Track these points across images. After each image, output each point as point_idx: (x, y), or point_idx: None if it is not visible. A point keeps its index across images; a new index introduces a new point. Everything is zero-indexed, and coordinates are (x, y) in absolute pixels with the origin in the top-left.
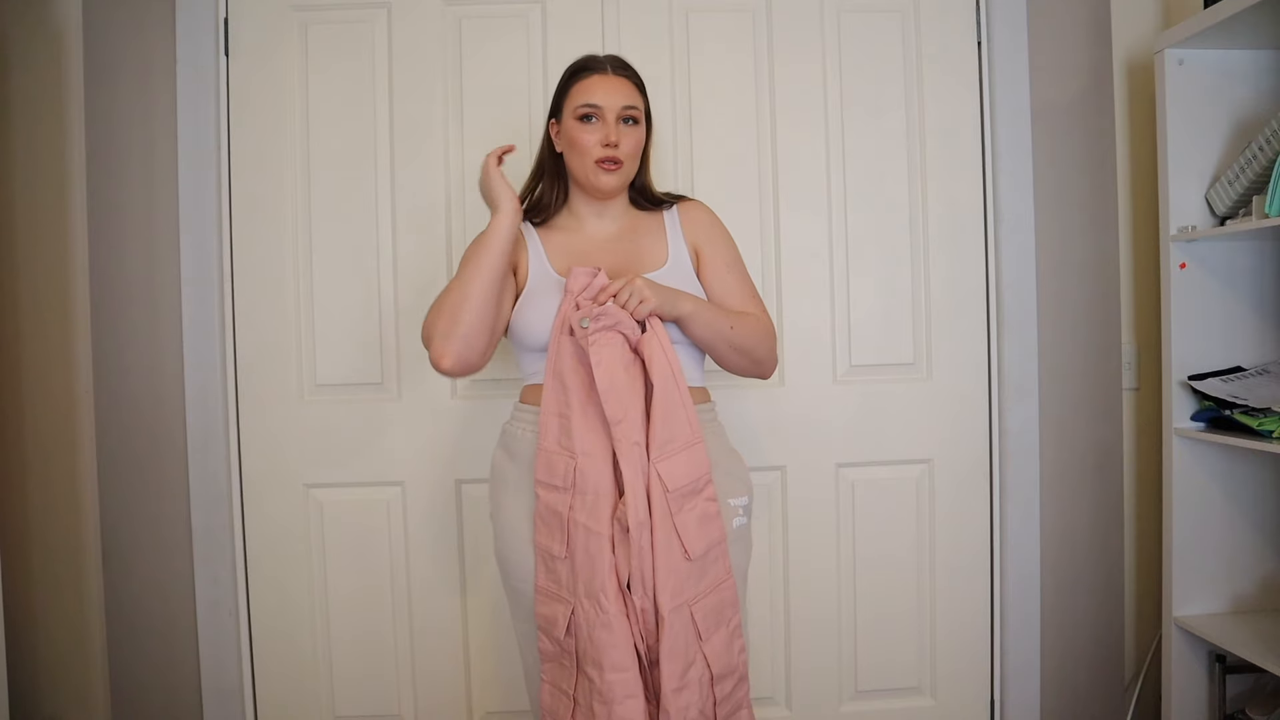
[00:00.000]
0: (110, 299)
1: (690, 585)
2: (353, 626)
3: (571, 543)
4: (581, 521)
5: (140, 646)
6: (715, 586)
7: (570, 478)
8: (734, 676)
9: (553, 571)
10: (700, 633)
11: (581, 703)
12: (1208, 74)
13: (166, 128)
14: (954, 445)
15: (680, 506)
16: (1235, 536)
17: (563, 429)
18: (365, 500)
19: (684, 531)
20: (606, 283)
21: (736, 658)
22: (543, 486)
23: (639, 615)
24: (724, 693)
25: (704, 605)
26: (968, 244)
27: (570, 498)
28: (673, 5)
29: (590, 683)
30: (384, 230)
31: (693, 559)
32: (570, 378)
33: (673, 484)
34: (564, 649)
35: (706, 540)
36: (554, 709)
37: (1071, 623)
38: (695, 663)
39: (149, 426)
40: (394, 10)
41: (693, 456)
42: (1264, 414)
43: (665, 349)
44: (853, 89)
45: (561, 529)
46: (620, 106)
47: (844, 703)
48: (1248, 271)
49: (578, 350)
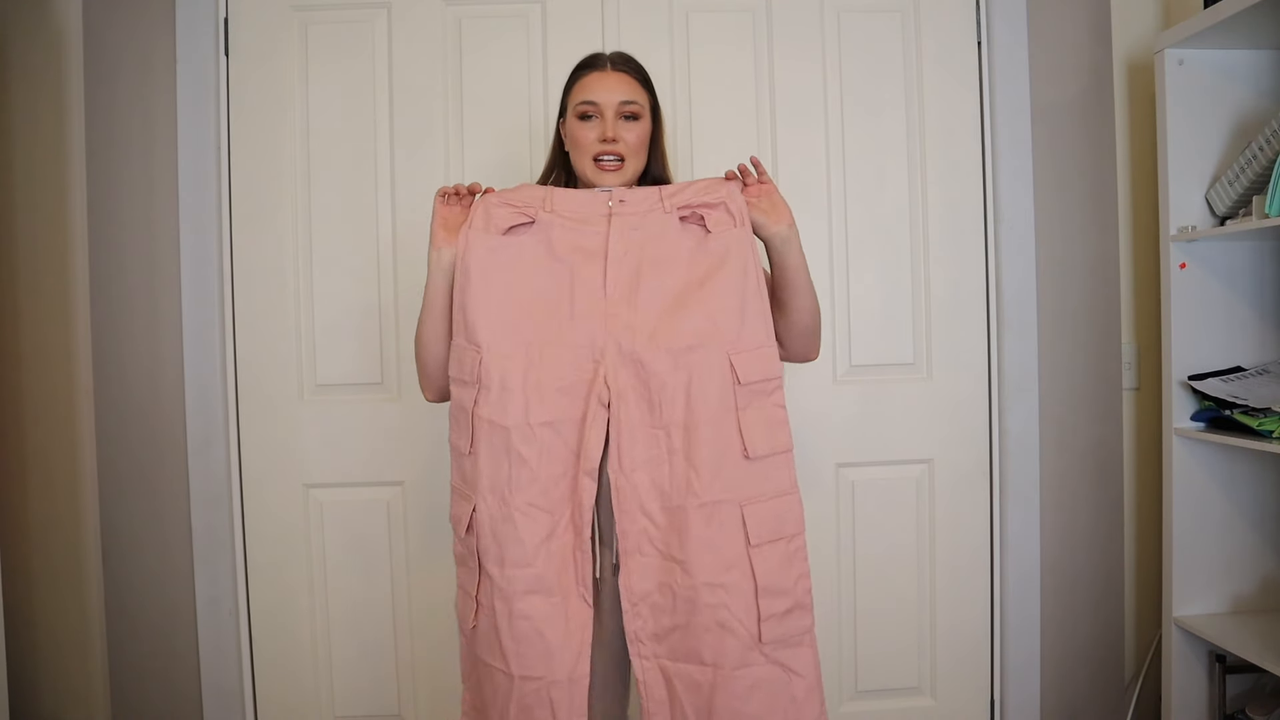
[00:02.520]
0: (110, 299)
1: (745, 484)
2: (353, 626)
3: (475, 438)
4: (485, 416)
5: (140, 646)
6: (775, 495)
7: (475, 371)
8: (785, 598)
9: (460, 469)
10: (749, 536)
11: (484, 603)
12: (1208, 74)
13: (166, 128)
14: (954, 445)
15: (748, 403)
16: (1235, 536)
17: (467, 323)
18: (365, 500)
19: (746, 428)
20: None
21: (795, 583)
22: (453, 383)
23: (613, 490)
24: (773, 610)
25: (758, 510)
26: (968, 244)
27: (475, 392)
28: (673, 5)
29: (490, 581)
30: (384, 230)
31: (752, 459)
32: (474, 272)
33: (745, 377)
34: (468, 548)
35: (769, 444)
36: (463, 615)
37: (1071, 623)
38: (737, 565)
39: (149, 426)
40: (394, 10)
41: (765, 357)
42: (1264, 414)
43: (753, 248)
44: (853, 88)
45: (467, 424)
46: (618, 102)
47: (844, 703)
48: (1248, 271)
49: (491, 242)
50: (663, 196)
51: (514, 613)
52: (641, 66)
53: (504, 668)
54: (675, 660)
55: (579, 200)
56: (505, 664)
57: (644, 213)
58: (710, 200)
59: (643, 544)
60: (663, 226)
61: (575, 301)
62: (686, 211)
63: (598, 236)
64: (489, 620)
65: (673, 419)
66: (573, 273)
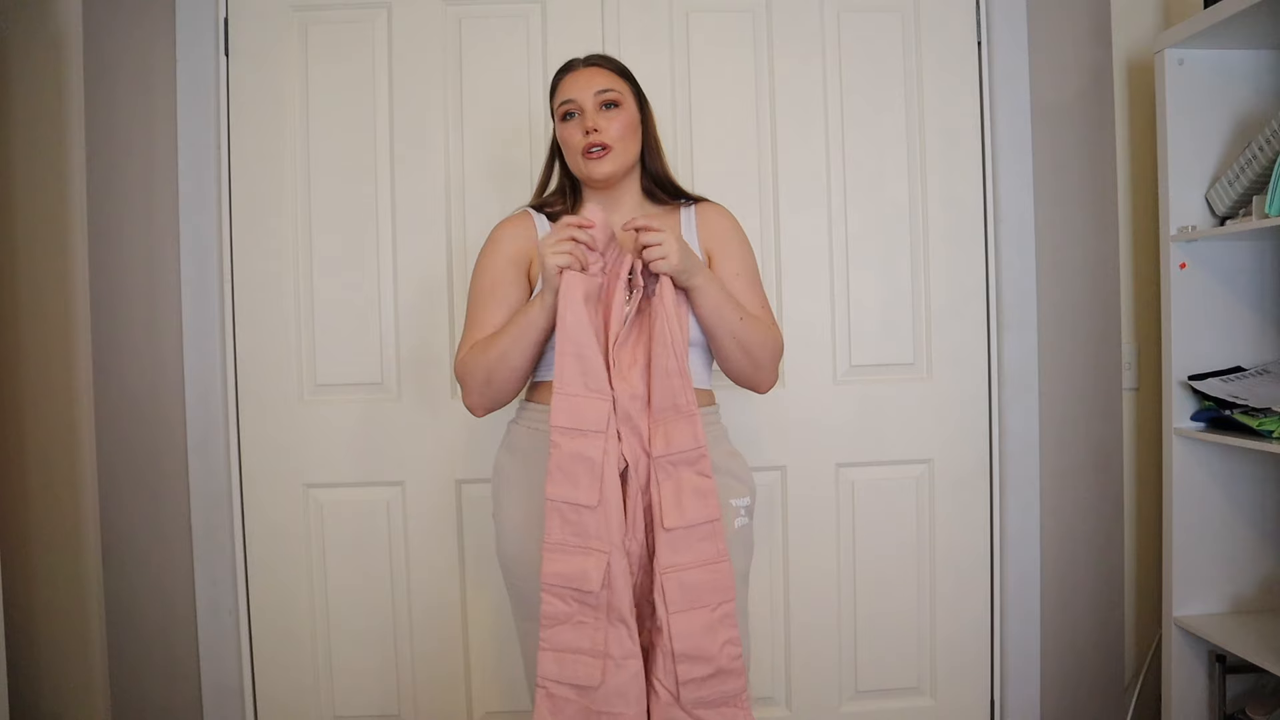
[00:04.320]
0: (110, 299)
1: (665, 554)
2: (353, 626)
3: (605, 489)
4: (614, 467)
5: (140, 646)
6: (698, 564)
7: (604, 421)
8: (709, 665)
9: (574, 524)
10: (667, 602)
11: (616, 655)
12: (1208, 74)
13: (166, 128)
14: (954, 445)
15: (667, 475)
16: (1235, 536)
17: (586, 370)
18: (365, 500)
19: (663, 500)
20: (643, 223)
21: (718, 649)
22: (565, 434)
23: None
24: (691, 675)
25: (678, 578)
26: (968, 243)
27: (604, 441)
28: (673, 5)
29: (629, 630)
30: (384, 230)
31: (668, 529)
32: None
33: (655, 450)
34: (590, 605)
35: (687, 517)
36: (568, 673)
37: (1071, 622)
38: (660, 631)
39: (149, 427)
40: (394, 10)
41: (683, 428)
42: (1264, 414)
43: (669, 314)
44: (853, 88)
45: (595, 476)
46: (594, 93)
47: (844, 703)
48: (1248, 271)
49: (593, 288)
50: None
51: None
52: (617, 60)
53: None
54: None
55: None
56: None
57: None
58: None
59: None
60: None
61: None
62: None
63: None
64: (626, 671)
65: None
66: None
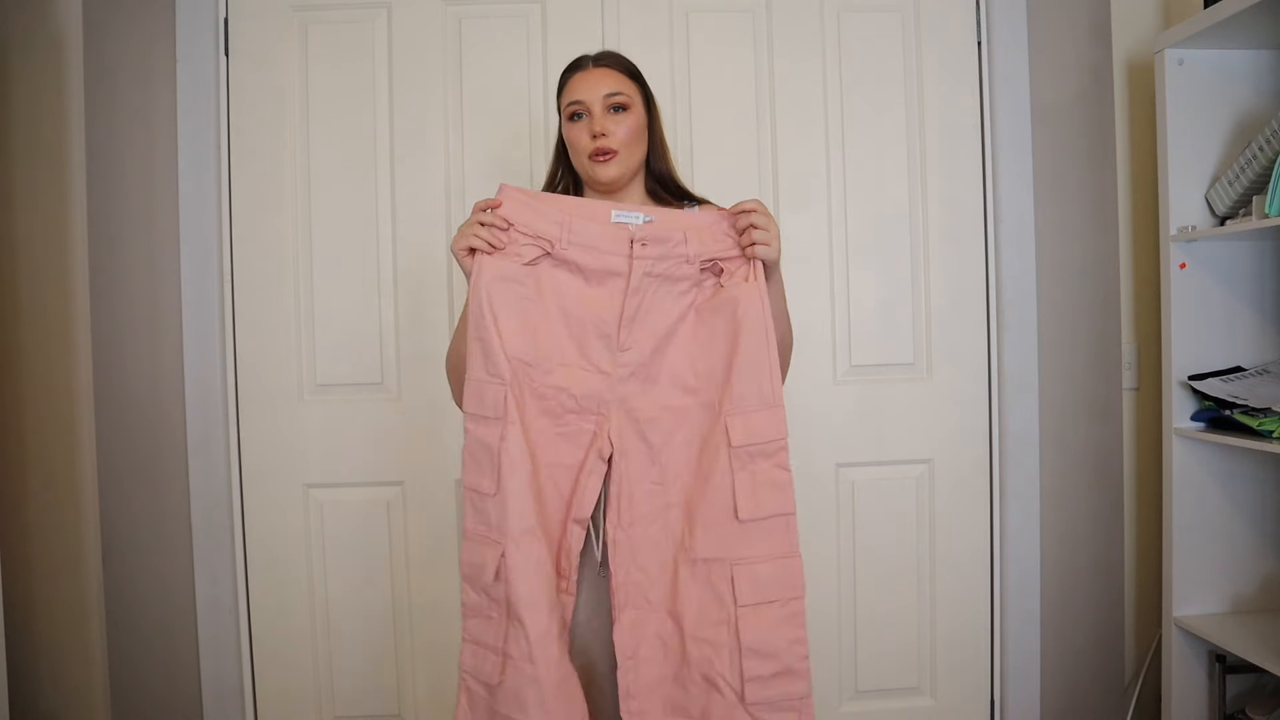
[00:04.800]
0: (110, 299)
1: (736, 545)
2: (353, 626)
3: (502, 477)
4: (513, 454)
5: (140, 646)
6: (770, 558)
7: (501, 406)
8: (774, 661)
9: (481, 512)
10: (737, 596)
11: (515, 655)
12: (1208, 74)
13: (166, 128)
14: (954, 445)
15: (744, 465)
16: (1235, 536)
17: (487, 354)
18: (365, 500)
19: (740, 490)
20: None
21: (787, 648)
22: (471, 419)
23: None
24: (756, 672)
25: (750, 570)
26: (968, 243)
27: (501, 428)
28: (673, 5)
29: (525, 629)
30: (384, 230)
31: (742, 521)
32: (495, 304)
33: (736, 440)
34: (492, 597)
35: (764, 508)
36: (478, 668)
37: (1071, 623)
38: (726, 623)
39: (149, 426)
40: (394, 10)
41: (767, 419)
42: (1264, 414)
43: (764, 303)
44: (853, 88)
45: (492, 463)
46: (602, 96)
47: (844, 703)
48: (1248, 271)
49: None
50: (686, 240)
51: (553, 660)
52: (627, 60)
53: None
54: (665, 715)
55: (598, 235)
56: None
57: (664, 258)
58: (734, 253)
59: (635, 598)
60: (681, 278)
61: (586, 351)
62: (709, 263)
63: (616, 289)
64: (521, 674)
65: (672, 474)
66: (585, 319)
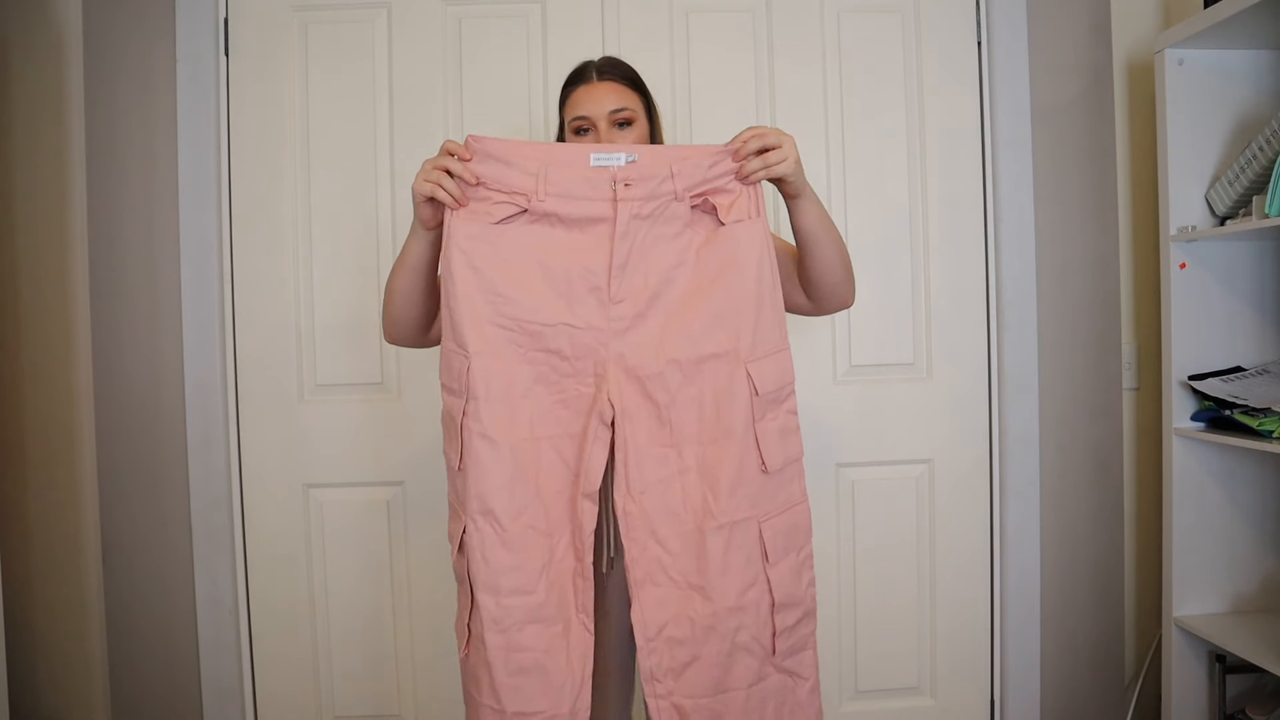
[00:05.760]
0: (110, 299)
1: (762, 500)
2: (353, 626)
3: (465, 452)
4: (475, 429)
5: (140, 646)
6: (788, 507)
7: (464, 379)
8: (798, 609)
9: (452, 484)
10: (767, 553)
11: (474, 633)
12: (1208, 74)
13: (166, 128)
14: (954, 445)
15: (764, 414)
16: (1235, 536)
17: (454, 323)
18: (365, 500)
19: (764, 441)
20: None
21: (804, 590)
22: (443, 389)
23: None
24: (785, 624)
25: (775, 524)
26: (968, 244)
27: (464, 402)
28: (673, 5)
29: (481, 610)
30: (384, 230)
31: (769, 472)
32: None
33: (762, 388)
34: (459, 570)
35: (784, 455)
36: (459, 639)
37: (1071, 622)
38: (756, 584)
39: (149, 426)
40: (394, 10)
41: (780, 362)
42: (1264, 414)
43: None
44: (853, 89)
45: (456, 436)
46: (608, 112)
47: (844, 703)
48: (1248, 271)
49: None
50: (674, 175)
51: (511, 645)
52: (630, 69)
53: (495, 704)
54: (693, 696)
55: (578, 182)
56: (497, 700)
57: (651, 198)
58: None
59: (655, 573)
60: (672, 218)
61: (575, 307)
62: (699, 199)
63: (602, 236)
64: (479, 653)
65: (685, 436)
66: (571, 273)
